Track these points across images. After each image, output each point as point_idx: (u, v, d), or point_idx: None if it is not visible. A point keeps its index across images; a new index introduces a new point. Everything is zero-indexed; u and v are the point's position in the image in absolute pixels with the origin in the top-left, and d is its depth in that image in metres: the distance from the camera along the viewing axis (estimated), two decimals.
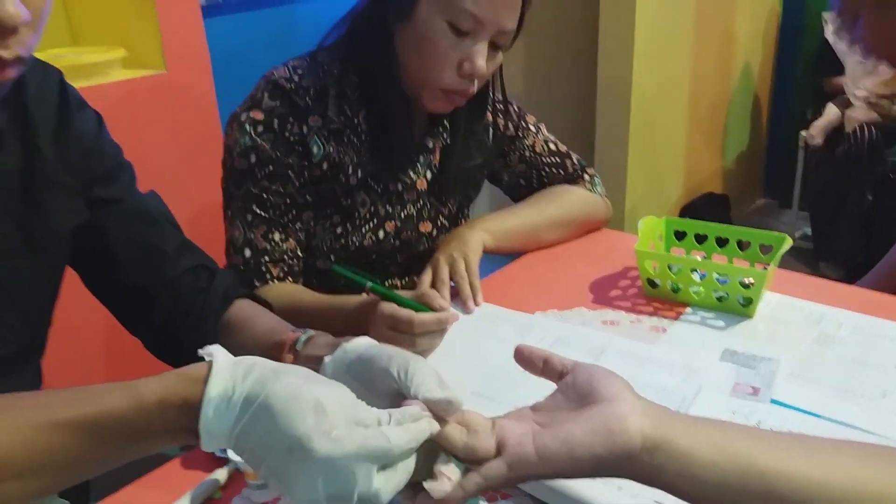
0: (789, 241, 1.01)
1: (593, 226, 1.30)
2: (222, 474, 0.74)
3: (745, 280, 0.97)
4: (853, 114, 2.77)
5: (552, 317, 1.02)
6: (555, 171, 1.27)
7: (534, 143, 1.26)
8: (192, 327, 0.85)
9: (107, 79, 1.60)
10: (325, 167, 1.05)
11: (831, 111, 2.88)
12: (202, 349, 0.55)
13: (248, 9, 2.24)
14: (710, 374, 0.85)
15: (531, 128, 1.26)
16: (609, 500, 0.66)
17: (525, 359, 0.64)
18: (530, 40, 2.83)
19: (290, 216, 1.05)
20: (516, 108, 1.25)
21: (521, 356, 0.64)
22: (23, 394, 0.55)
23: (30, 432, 0.51)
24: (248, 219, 1.04)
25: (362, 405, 0.53)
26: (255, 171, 1.02)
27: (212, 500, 0.72)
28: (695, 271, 1.01)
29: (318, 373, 0.58)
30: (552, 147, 1.27)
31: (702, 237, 1.09)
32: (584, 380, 0.58)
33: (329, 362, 0.62)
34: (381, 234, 1.12)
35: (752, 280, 0.97)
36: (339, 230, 1.10)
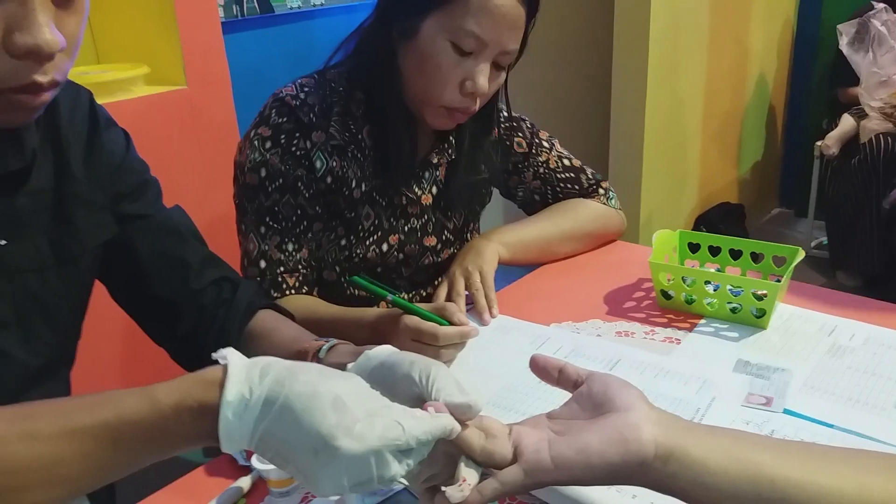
0: (802, 254, 1.01)
1: (608, 238, 1.31)
2: (246, 482, 0.76)
3: (758, 292, 0.98)
4: (868, 124, 2.76)
5: (567, 328, 1.03)
6: (569, 186, 1.28)
7: (548, 160, 1.27)
8: (215, 338, 0.86)
9: (130, 95, 1.63)
10: (329, 181, 1.07)
11: (847, 122, 2.87)
12: (215, 353, 0.55)
13: (267, 25, 2.27)
14: (723, 385, 0.86)
15: (545, 144, 1.27)
16: None
17: (541, 368, 0.65)
18: (545, 54, 2.84)
19: (301, 227, 1.07)
20: (529, 125, 1.27)
21: (536, 366, 0.65)
22: (39, 402, 0.55)
23: (48, 441, 0.52)
24: (262, 231, 1.06)
25: (377, 395, 0.55)
26: (265, 184, 1.04)
27: None
28: (709, 283, 1.02)
29: None
30: (566, 163, 1.28)
31: (716, 249, 1.10)
32: (598, 389, 0.59)
33: (352, 368, 0.63)
34: (385, 247, 1.14)
35: (765, 292, 0.98)
36: (344, 242, 1.12)
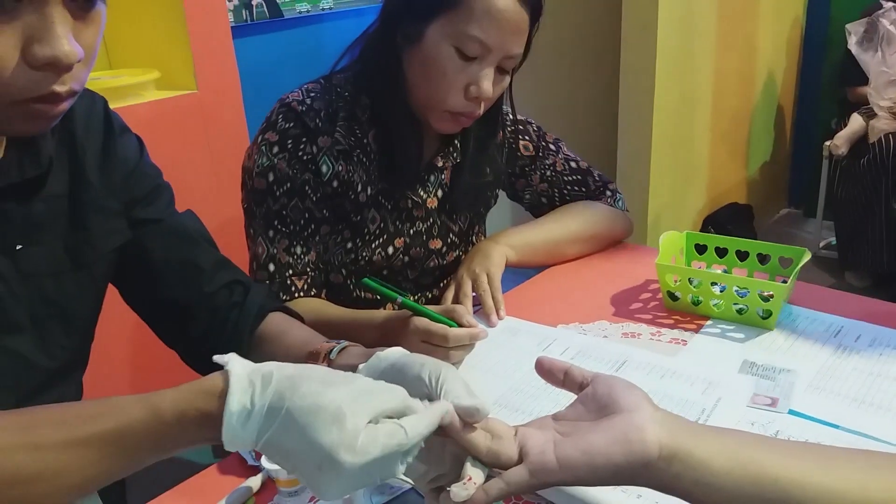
0: (808, 255, 1.02)
1: (615, 240, 1.32)
2: (255, 482, 0.77)
3: (764, 293, 0.98)
4: (877, 124, 2.75)
5: (574, 329, 1.04)
6: (576, 189, 1.29)
7: (554, 163, 1.27)
8: (227, 340, 0.87)
9: (141, 99, 1.65)
10: (336, 185, 1.08)
11: (856, 121, 2.86)
12: (217, 357, 0.56)
13: (276, 30, 2.29)
14: (729, 386, 0.87)
15: (551, 147, 1.28)
16: None
17: (546, 370, 0.66)
18: (552, 56, 2.85)
19: (309, 230, 1.08)
20: (535, 128, 1.27)
21: (542, 368, 0.66)
22: (41, 409, 0.55)
23: (53, 451, 0.52)
24: (270, 235, 1.07)
25: (380, 396, 0.54)
26: (273, 188, 1.06)
27: None
28: (715, 284, 1.02)
29: None
30: (573, 165, 1.28)
31: (722, 251, 1.10)
32: (603, 391, 0.60)
33: (363, 369, 0.63)
34: (391, 249, 1.15)
35: (771, 293, 0.98)
36: (350, 245, 1.13)
